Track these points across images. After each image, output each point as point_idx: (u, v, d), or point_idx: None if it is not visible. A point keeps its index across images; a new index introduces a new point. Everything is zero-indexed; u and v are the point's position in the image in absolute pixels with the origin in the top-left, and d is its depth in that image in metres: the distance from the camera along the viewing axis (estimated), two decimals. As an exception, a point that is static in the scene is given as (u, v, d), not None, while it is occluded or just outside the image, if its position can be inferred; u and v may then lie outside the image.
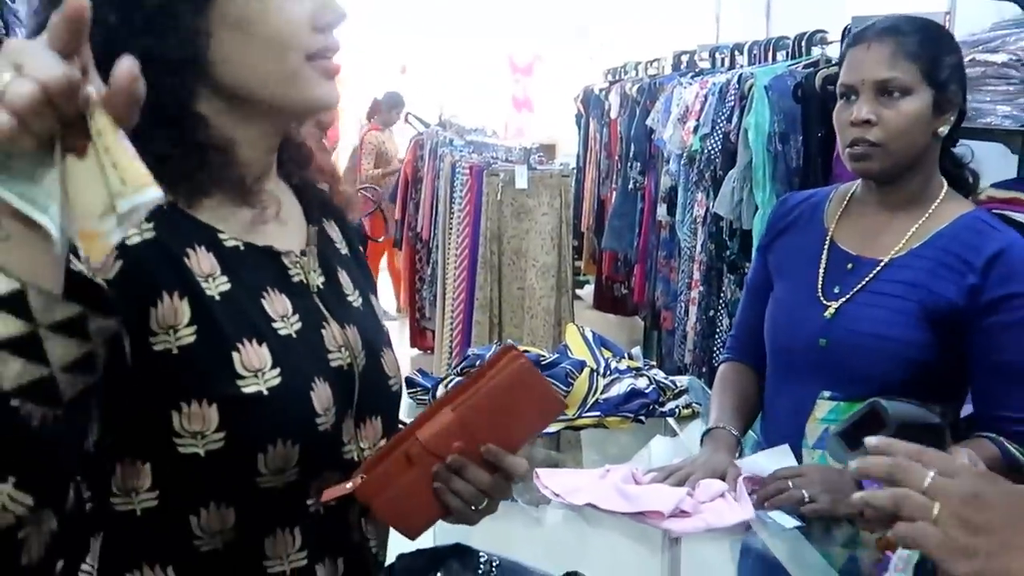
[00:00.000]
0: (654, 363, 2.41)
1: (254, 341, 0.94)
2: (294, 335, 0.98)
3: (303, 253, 1.05)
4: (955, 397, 1.65)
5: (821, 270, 1.68)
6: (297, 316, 1.00)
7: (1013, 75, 2.31)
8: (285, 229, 1.05)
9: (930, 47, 1.58)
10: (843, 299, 1.63)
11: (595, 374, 2.12)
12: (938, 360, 1.57)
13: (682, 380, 2.29)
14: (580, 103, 7.28)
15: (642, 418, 2.10)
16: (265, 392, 0.93)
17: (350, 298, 1.10)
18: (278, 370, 0.94)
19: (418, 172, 6.54)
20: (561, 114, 8.52)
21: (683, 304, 4.32)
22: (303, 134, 1.13)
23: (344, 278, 1.11)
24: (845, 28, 3.06)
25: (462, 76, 9.99)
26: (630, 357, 2.35)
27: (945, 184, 1.65)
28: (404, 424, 1.19)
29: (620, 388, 2.12)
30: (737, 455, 1.72)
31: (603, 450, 2.10)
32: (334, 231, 1.15)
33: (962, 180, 1.68)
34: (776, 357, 1.75)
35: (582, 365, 2.12)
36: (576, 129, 7.48)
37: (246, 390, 0.92)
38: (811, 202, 1.78)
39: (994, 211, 2.41)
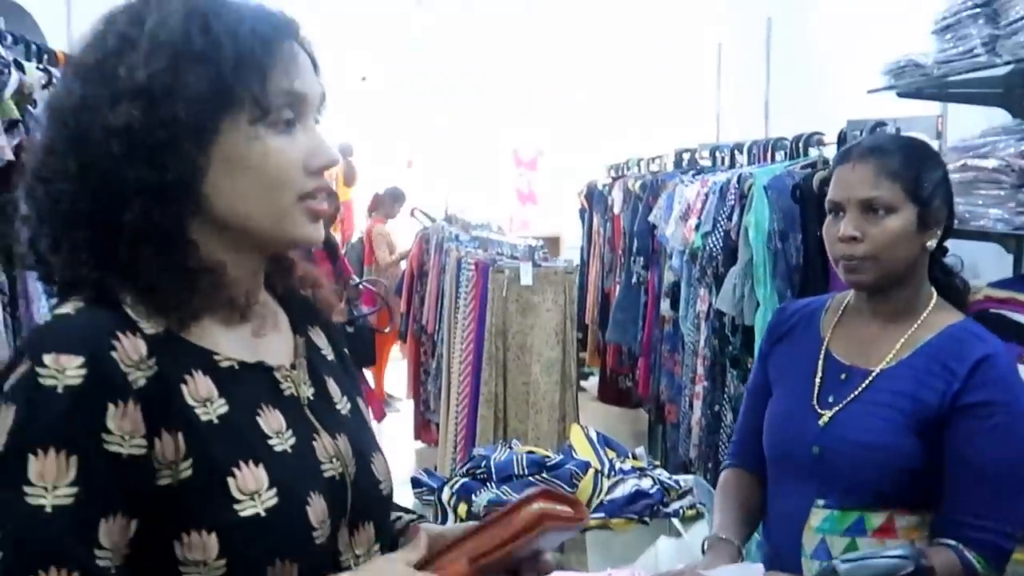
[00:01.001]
0: (658, 462, 2.42)
1: (250, 463, 0.95)
2: (289, 450, 1.00)
3: (293, 366, 1.07)
4: None
5: (817, 379, 1.70)
6: (291, 431, 1.01)
7: (1003, 180, 2.37)
8: (274, 342, 1.07)
9: (913, 166, 1.63)
10: (836, 408, 1.66)
11: (600, 475, 2.13)
12: (927, 467, 1.59)
13: (687, 480, 2.30)
14: (584, 198, 7.38)
15: (647, 519, 2.10)
16: (263, 513, 0.94)
17: (339, 406, 1.12)
18: (275, 490, 0.95)
19: (423, 266, 6.62)
20: (565, 206, 8.64)
21: (687, 398, 4.33)
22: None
23: (332, 386, 1.12)
24: (840, 132, 3.14)
25: (467, 169, 10.15)
26: (634, 456, 2.37)
27: (935, 294, 1.69)
28: (406, 511, 1.21)
29: (625, 489, 2.14)
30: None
31: (608, 551, 2.10)
32: (320, 338, 1.17)
33: (952, 289, 1.72)
34: (773, 463, 1.77)
35: (587, 466, 2.14)
36: (580, 223, 7.58)
37: (243, 513, 0.93)
38: (808, 310, 1.82)
39: (991, 311, 2.45)
